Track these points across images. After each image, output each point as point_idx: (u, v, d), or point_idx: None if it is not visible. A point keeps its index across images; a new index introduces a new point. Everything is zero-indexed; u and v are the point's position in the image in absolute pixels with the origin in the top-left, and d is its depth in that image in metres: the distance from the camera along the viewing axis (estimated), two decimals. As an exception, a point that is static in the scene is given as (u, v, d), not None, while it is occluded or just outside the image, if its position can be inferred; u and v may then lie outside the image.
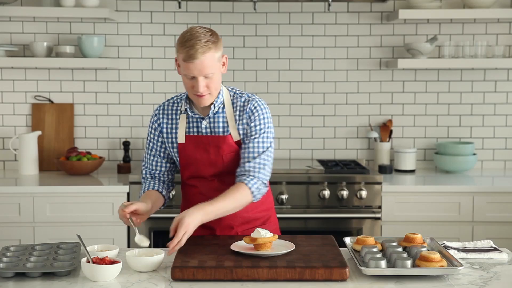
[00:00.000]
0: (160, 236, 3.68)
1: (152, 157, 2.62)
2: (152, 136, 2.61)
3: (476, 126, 4.33)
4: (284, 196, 3.68)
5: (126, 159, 4.15)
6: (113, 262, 2.13)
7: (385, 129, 4.23)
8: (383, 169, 4.06)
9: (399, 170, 4.15)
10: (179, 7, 4.08)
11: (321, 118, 4.31)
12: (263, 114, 2.50)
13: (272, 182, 3.66)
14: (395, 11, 4.05)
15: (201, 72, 2.36)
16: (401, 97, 4.30)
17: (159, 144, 2.60)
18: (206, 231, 2.57)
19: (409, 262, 2.12)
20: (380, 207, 3.73)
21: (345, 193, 3.69)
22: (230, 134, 2.50)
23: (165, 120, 2.57)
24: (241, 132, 2.50)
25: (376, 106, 4.31)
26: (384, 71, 4.28)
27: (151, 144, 2.62)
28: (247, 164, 2.45)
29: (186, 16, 4.21)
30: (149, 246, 2.43)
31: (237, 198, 2.40)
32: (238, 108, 2.51)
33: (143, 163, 2.66)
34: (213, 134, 2.51)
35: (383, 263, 2.12)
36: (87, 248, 2.20)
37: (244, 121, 2.50)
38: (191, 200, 2.56)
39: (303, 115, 4.30)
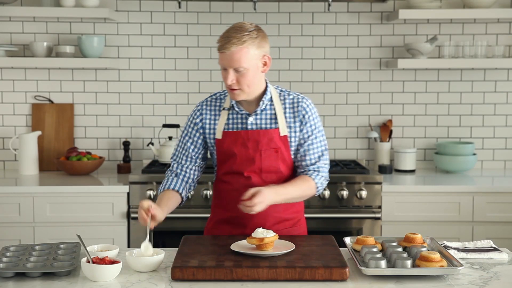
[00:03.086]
0: (160, 236, 3.68)
1: (184, 151, 2.60)
2: (190, 130, 2.59)
3: (476, 126, 4.33)
4: (284, 196, 3.68)
5: (126, 159, 4.15)
6: (113, 262, 2.12)
7: (385, 129, 4.23)
8: (383, 169, 4.06)
9: (399, 170, 4.15)
10: (179, 7, 4.08)
11: (321, 118, 4.30)
12: (315, 113, 2.58)
13: (272, 182, 3.67)
14: (395, 11, 4.05)
15: (230, 64, 2.39)
16: (401, 97, 4.30)
17: (195, 139, 2.58)
18: (236, 229, 2.55)
19: (409, 262, 2.12)
20: (380, 207, 3.73)
21: (345, 193, 3.69)
22: (277, 128, 2.52)
23: (208, 116, 2.57)
24: (294, 130, 2.53)
25: (376, 106, 4.31)
26: (384, 71, 4.28)
27: (186, 138, 2.60)
28: (312, 162, 2.55)
29: (186, 16, 4.21)
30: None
31: (304, 189, 2.50)
32: (287, 105, 2.54)
33: (173, 156, 2.64)
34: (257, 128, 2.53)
35: (383, 263, 2.12)
36: (87, 248, 2.20)
37: (297, 119, 2.53)
38: (224, 197, 2.57)
39: (303, 115, 4.29)
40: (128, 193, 3.68)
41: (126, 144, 4.15)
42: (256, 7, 4.12)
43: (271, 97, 2.54)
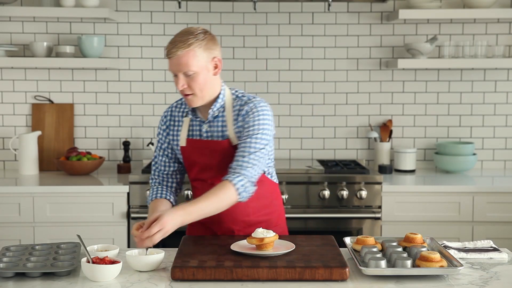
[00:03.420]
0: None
1: (161, 157, 2.62)
2: (160, 137, 2.61)
3: (476, 126, 4.33)
4: (284, 196, 3.68)
5: (126, 159, 4.15)
6: (113, 262, 2.12)
7: (385, 129, 4.23)
8: (383, 169, 4.06)
9: (399, 170, 4.15)
10: (179, 7, 4.08)
11: (321, 118, 4.31)
12: (259, 115, 2.43)
13: (272, 182, 3.67)
14: (395, 11, 4.05)
15: (178, 69, 2.37)
16: (401, 97, 4.31)
17: (165, 145, 2.60)
18: (208, 232, 2.58)
19: (409, 262, 2.12)
20: (380, 207, 3.73)
21: (345, 193, 3.69)
22: (228, 138, 2.48)
23: (172, 122, 2.58)
24: (238, 135, 2.48)
25: (376, 106, 4.31)
26: (384, 71, 4.28)
27: (159, 144, 2.62)
28: (235, 163, 2.40)
29: (186, 16, 4.21)
30: (149, 246, 2.42)
31: (221, 198, 2.33)
32: (237, 111, 2.48)
33: (153, 163, 2.66)
34: (211, 139, 2.51)
35: (383, 263, 2.12)
36: (87, 248, 2.20)
37: (240, 124, 2.47)
38: None
39: (303, 115, 4.30)
40: (128, 193, 3.68)
41: (126, 144, 4.15)
42: (256, 7, 4.12)
43: (223, 105, 2.49)
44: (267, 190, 2.58)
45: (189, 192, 3.64)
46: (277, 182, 2.66)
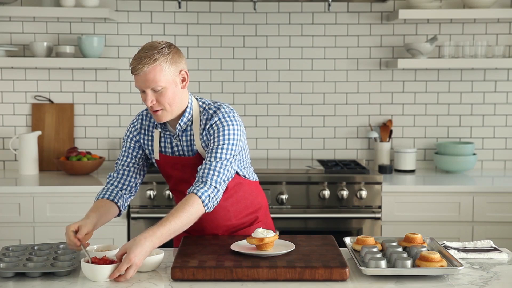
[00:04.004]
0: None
1: (125, 158, 2.55)
2: (129, 140, 2.54)
3: (476, 126, 4.33)
4: (284, 196, 3.68)
5: (126, 159, 4.15)
6: (112, 261, 2.12)
7: (385, 129, 4.23)
8: (383, 169, 4.06)
9: (399, 170, 4.15)
10: (179, 7, 4.08)
11: (321, 118, 4.31)
12: (224, 129, 2.37)
13: (272, 182, 3.67)
14: (395, 11, 4.05)
15: (146, 85, 2.31)
16: (401, 97, 4.31)
17: (131, 150, 2.53)
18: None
19: (409, 262, 2.12)
20: (380, 207, 3.73)
21: (345, 193, 3.69)
22: (198, 152, 2.44)
23: (142, 133, 2.53)
24: (205, 149, 2.43)
25: (376, 106, 4.31)
26: (384, 71, 4.28)
27: (127, 144, 2.55)
28: (200, 171, 2.33)
29: (186, 16, 4.21)
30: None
31: (190, 212, 2.23)
32: (203, 125, 2.42)
33: (117, 161, 2.59)
34: (181, 154, 2.47)
35: (383, 263, 2.12)
36: (87, 248, 2.20)
37: (205, 138, 2.42)
38: None
39: (303, 115, 4.30)
40: (128, 193, 3.68)
41: (126, 144, 4.15)
42: (256, 7, 4.12)
43: (191, 118, 2.44)
44: (246, 191, 2.56)
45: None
46: (257, 180, 2.64)
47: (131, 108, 4.26)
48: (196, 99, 2.49)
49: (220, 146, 2.35)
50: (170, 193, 3.62)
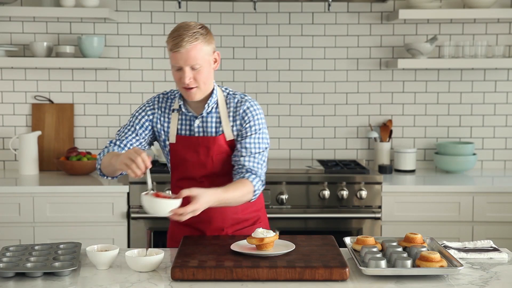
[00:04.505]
0: (160, 236, 3.67)
1: (130, 128, 2.53)
2: (140, 118, 2.53)
3: (476, 126, 4.33)
4: (284, 196, 3.68)
5: (126, 159, 4.14)
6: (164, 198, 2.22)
7: (385, 129, 4.23)
8: (383, 169, 4.06)
9: (399, 170, 4.15)
10: (179, 7, 4.08)
11: (321, 118, 4.31)
12: (257, 115, 2.50)
13: (272, 182, 3.67)
14: (395, 11, 4.05)
15: (186, 62, 2.37)
16: (401, 97, 4.31)
17: (141, 124, 2.53)
18: (195, 232, 2.56)
19: (409, 262, 2.12)
20: (380, 207, 3.73)
21: (345, 193, 3.69)
22: (222, 133, 2.49)
23: (159, 115, 2.54)
24: (235, 133, 2.49)
25: (376, 106, 4.31)
26: (384, 71, 4.28)
27: (134, 122, 2.52)
28: (247, 162, 2.44)
29: (186, 16, 4.21)
30: (150, 246, 2.42)
31: (244, 193, 2.40)
32: (231, 108, 2.50)
33: (117, 133, 2.56)
34: (204, 134, 2.50)
35: (383, 263, 2.12)
36: (87, 248, 2.21)
37: (238, 122, 2.49)
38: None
39: (303, 115, 4.30)
40: (128, 193, 3.68)
41: (126, 144, 4.15)
42: (256, 7, 4.12)
43: (217, 100, 2.50)
44: None
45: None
46: None
47: (131, 108, 4.26)
48: (217, 85, 2.55)
49: (257, 136, 2.48)
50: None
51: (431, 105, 4.31)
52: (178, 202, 2.22)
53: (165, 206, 2.20)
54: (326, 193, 3.69)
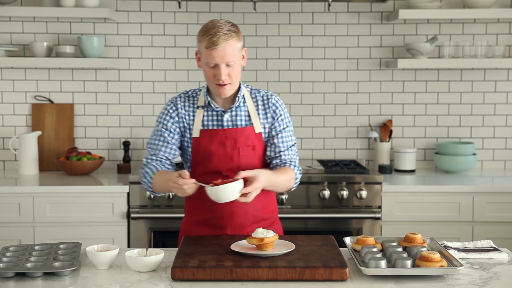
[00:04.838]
0: (160, 236, 3.68)
1: (162, 138, 2.57)
2: (165, 122, 2.56)
3: (476, 126, 4.33)
4: (284, 196, 3.68)
5: (126, 159, 4.15)
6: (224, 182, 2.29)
7: (385, 129, 4.23)
8: (383, 169, 4.06)
9: (399, 170, 4.15)
10: (179, 7, 4.08)
11: (321, 118, 4.31)
12: (284, 108, 2.62)
13: (272, 182, 3.66)
14: (395, 11, 4.05)
15: (223, 59, 2.42)
16: (401, 97, 4.31)
17: (172, 130, 2.55)
18: (216, 230, 2.55)
19: (409, 262, 2.12)
20: (380, 207, 3.73)
21: (345, 193, 3.69)
22: (252, 126, 2.55)
23: (183, 112, 2.57)
24: (266, 126, 2.57)
25: (376, 106, 4.31)
26: (384, 71, 4.28)
27: (162, 129, 2.56)
28: (286, 156, 2.58)
29: (186, 16, 4.21)
30: (150, 246, 2.42)
31: (288, 179, 2.53)
32: (259, 102, 2.59)
33: (148, 149, 2.60)
34: (235, 127, 2.55)
35: (383, 263, 2.12)
36: (86, 247, 2.21)
37: (269, 115, 2.58)
38: (201, 198, 2.47)
39: (303, 115, 4.30)
40: (128, 193, 3.68)
41: (126, 144, 4.15)
42: (256, 7, 4.12)
43: (243, 95, 2.58)
44: None
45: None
46: None
47: (131, 108, 4.26)
48: None
49: (289, 128, 2.61)
50: (170, 193, 3.62)
51: (431, 105, 4.31)
52: (241, 182, 2.30)
53: (233, 188, 2.27)
54: (326, 193, 3.69)
